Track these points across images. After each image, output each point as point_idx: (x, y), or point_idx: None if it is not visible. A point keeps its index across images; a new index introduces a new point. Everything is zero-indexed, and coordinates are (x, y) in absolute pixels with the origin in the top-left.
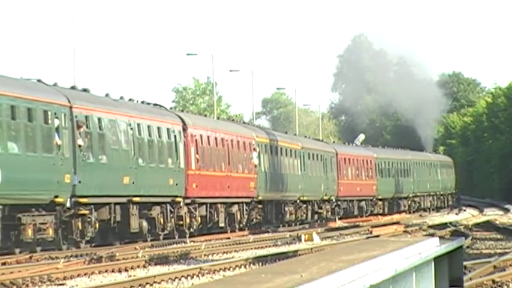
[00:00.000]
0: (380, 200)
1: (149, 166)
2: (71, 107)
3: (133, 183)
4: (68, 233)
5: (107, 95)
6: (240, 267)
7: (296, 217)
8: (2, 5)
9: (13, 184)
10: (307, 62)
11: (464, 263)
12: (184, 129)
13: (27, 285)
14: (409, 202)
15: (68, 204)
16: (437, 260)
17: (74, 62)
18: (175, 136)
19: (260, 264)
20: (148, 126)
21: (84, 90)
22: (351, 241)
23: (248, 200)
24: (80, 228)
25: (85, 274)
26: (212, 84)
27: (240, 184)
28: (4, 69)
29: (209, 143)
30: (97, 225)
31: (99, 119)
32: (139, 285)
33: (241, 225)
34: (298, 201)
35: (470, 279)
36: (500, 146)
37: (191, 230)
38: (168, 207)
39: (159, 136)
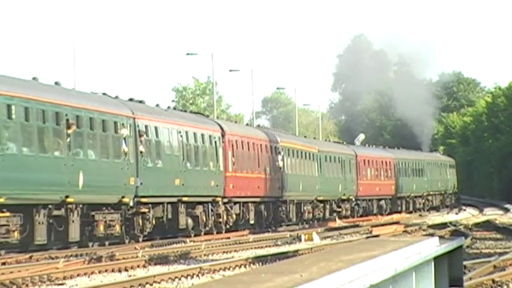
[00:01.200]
0: (398, 198)
1: (195, 169)
2: (134, 118)
3: (182, 184)
4: (130, 229)
5: (141, 101)
6: (240, 267)
7: (313, 215)
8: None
9: (92, 187)
10: (307, 62)
11: (464, 263)
12: (223, 135)
13: (27, 285)
14: (424, 200)
15: (131, 204)
16: (437, 259)
17: (74, 62)
18: (215, 142)
19: (260, 264)
20: (194, 133)
21: (140, 102)
22: (351, 241)
23: (273, 200)
24: (140, 224)
25: (85, 274)
26: (212, 84)
27: (268, 185)
28: (3, 69)
29: (243, 148)
30: (154, 222)
31: (155, 128)
32: (139, 285)
33: (267, 223)
34: (315, 200)
35: (470, 279)
36: (500, 146)
37: (227, 226)
38: (210, 206)
39: (203, 142)
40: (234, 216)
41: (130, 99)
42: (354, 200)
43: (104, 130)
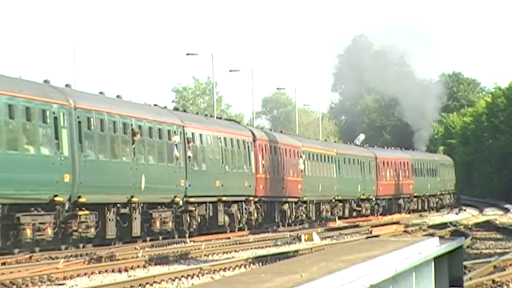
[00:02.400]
0: (415, 197)
1: (232, 171)
2: (183, 127)
3: (222, 185)
4: (179, 225)
5: (184, 110)
6: (240, 267)
7: (332, 214)
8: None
9: (151, 188)
10: (307, 62)
11: (464, 263)
12: (254, 141)
13: (27, 285)
14: (437, 199)
15: (181, 203)
16: (437, 260)
17: (73, 62)
18: (248, 146)
19: (260, 264)
20: (231, 139)
21: (184, 111)
22: (351, 241)
23: (296, 200)
24: (188, 221)
25: (85, 274)
26: (212, 84)
27: (291, 186)
28: (2, 69)
29: (270, 152)
30: (198, 219)
31: (200, 135)
32: (140, 285)
33: (290, 221)
34: (333, 200)
35: (470, 279)
36: (500, 146)
37: (257, 223)
38: (243, 205)
39: (238, 147)
40: (263, 214)
41: (176, 109)
42: (374, 199)
43: (160, 137)
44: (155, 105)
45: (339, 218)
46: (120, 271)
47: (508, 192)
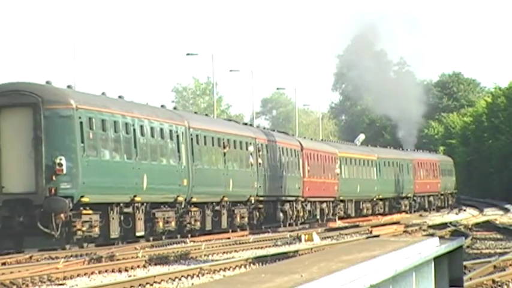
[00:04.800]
0: (442, 195)
1: (288, 175)
2: (255, 139)
3: (281, 187)
4: (252, 220)
5: (251, 124)
6: (240, 267)
7: (373, 211)
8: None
9: (236, 190)
10: (307, 62)
11: (464, 263)
12: (302, 149)
13: (27, 285)
14: (454, 198)
15: (253, 201)
16: (437, 260)
17: (73, 62)
18: (297, 154)
19: (260, 264)
20: (286, 148)
21: (251, 125)
22: (351, 241)
23: (332, 199)
24: (257, 216)
25: (85, 274)
26: (212, 84)
27: (328, 188)
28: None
29: (314, 159)
30: (264, 214)
31: (266, 146)
32: (140, 285)
33: (328, 217)
34: (374, 199)
35: (470, 279)
36: (500, 146)
37: (303, 219)
38: (294, 204)
39: (290, 155)
40: (308, 212)
41: (245, 124)
42: (411, 197)
43: (241, 148)
44: (235, 121)
45: (379, 215)
46: (120, 271)
47: (508, 192)
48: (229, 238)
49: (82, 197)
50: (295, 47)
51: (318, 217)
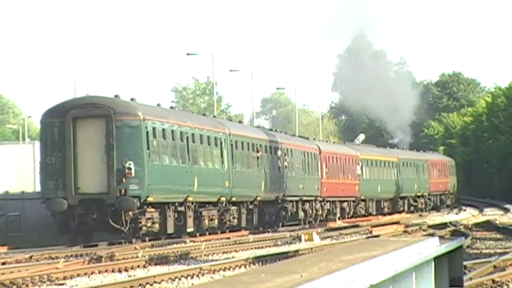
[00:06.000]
0: (450, 194)
1: (308, 177)
2: (281, 144)
3: (303, 188)
4: (278, 218)
5: (275, 130)
6: (240, 267)
7: (393, 209)
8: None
9: (267, 191)
10: (307, 62)
11: (464, 263)
12: (320, 152)
13: (27, 285)
14: (458, 195)
15: (279, 201)
16: (437, 259)
17: (74, 62)
18: (316, 157)
19: (260, 264)
20: (307, 152)
21: (275, 130)
22: (351, 241)
23: (353, 199)
24: (284, 214)
25: (85, 274)
26: (212, 84)
27: (349, 188)
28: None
29: (332, 161)
30: (289, 214)
31: (291, 150)
32: (140, 285)
33: (349, 216)
34: (395, 198)
35: (470, 279)
36: (500, 146)
37: (321, 218)
38: (313, 203)
39: (310, 158)
40: (326, 210)
41: (270, 130)
42: (427, 195)
43: (271, 153)
44: (262, 127)
45: (399, 212)
46: (120, 271)
47: (508, 192)
48: (229, 238)
49: (147, 197)
50: (295, 47)
51: (338, 215)
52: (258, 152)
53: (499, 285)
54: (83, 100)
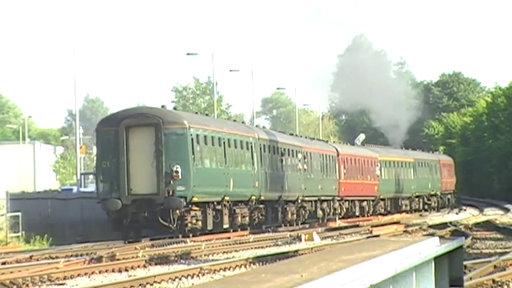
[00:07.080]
0: (455, 193)
1: (326, 178)
2: (302, 147)
3: (321, 188)
4: (299, 217)
5: (292, 134)
6: (240, 267)
7: (411, 207)
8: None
9: (289, 191)
10: (307, 62)
11: (464, 263)
12: (338, 154)
13: (27, 285)
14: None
15: (299, 201)
16: (437, 259)
17: (74, 62)
18: (334, 159)
19: (260, 264)
20: (325, 155)
21: (300, 136)
22: (351, 241)
23: (373, 198)
24: (303, 213)
25: (85, 274)
26: (212, 84)
27: (368, 188)
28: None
29: (350, 162)
30: (308, 212)
31: (310, 153)
32: (140, 285)
33: (368, 214)
34: (412, 196)
35: (471, 278)
36: (500, 146)
37: (339, 216)
38: (331, 202)
39: (328, 160)
40: (345, 209)
41: (291, 134)
42: (439, 194)
43: (292, 156)
44: (283, 132)
45: (416, 211)
46: (120, 271)
47: (508, 192)
48: (229, 238)
49: (192, 197)
50: (295, 47)
51: (358, 214)
52: (282, 155)
53: (499, 285)
54: (135, 110)
